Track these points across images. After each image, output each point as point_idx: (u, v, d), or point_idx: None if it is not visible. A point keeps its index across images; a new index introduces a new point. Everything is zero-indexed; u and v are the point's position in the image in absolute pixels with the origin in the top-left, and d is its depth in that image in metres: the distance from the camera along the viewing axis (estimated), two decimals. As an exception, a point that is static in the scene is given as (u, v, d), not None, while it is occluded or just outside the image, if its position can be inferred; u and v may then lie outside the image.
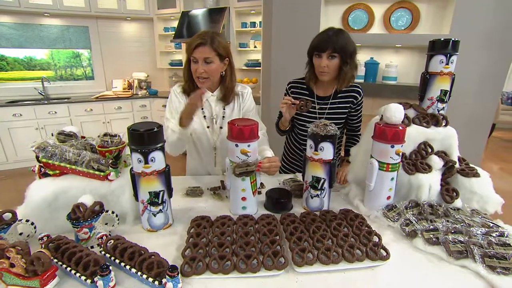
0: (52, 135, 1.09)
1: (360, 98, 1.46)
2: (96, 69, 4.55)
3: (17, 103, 3.74)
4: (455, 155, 1.22)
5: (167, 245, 0.89)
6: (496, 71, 2.64)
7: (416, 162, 1.17)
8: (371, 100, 3.03)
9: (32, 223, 0.88)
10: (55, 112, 3.85)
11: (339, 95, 1.46)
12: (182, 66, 4.42)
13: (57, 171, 0.98)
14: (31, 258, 0.70)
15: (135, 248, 0.78)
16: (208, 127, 1.36)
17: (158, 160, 0.88)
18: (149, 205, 0.92)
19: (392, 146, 1.03)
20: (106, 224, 0.93)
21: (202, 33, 1.21)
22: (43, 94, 4.14)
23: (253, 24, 3.92)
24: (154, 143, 0.86)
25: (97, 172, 0.95)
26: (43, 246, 0.82)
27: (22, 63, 4.42)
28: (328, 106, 1.47)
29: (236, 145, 0.96)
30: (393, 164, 1.06)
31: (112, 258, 0.77)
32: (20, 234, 0.88)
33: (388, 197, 1.12)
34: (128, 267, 0.74)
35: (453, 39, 1.17)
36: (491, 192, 1.13)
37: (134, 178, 0.90)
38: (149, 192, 0.90)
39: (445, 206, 1.10)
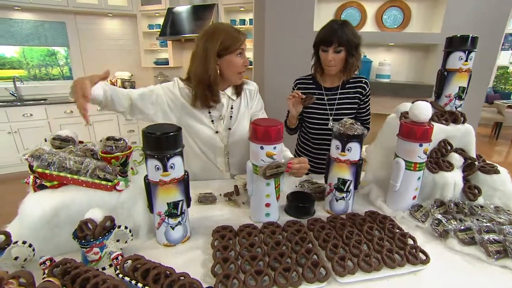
0: (46, 140, 0.95)
1: (367, 90, 1.49)
2: (75, 68, 4.26)
3: (-14, 105, 3.42)
4: (473, 152, 1.21)
5: (189, 261, 0.80)
6: (483, 69, 2.72)
7: (438, 160, 1.14)
8: (366, 98, 3.04)
9: (30, 245, 0.75)
10: (31, 115, 3.56)
11: (347, 86, 1.47)
12: (167, 65, 4.29)
13: (56, 182, 0.85)
14: (37, 290, 0.58)
15: (160, 269, 0.67)
16: (217, 131, 1.26)
17: (177, 167, 0.78)
18: (166, 217, 0.81)
19: (421, 145, 1.00)
20: (118, 241, 0.81)
21: (233, 26, 1.17)
22: (15, 95, 3.82)
23: (242, 22, 3.82)
24: (174, 147, 0.76)
25: (103, 182, 0.83)
26: (46, 272, 0.69)
27: (-11, 61, 4.06)
28: (338, 96, 1.47)
29: (261, 148, 0.88)
30: (420, 163, 1.02)
31: (133, 282, 0.66)
32: (16, 258, 0.75)
33: (414, 197, 1.08)
34: (154, 292, 0.63)
35: (471, 35, 1.15)
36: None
37: (150, 187, 0.79)
38: (167, 203, 0.80)
39: (469, 204, 1.08)
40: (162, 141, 0.74)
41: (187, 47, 4.36)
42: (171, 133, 0.74)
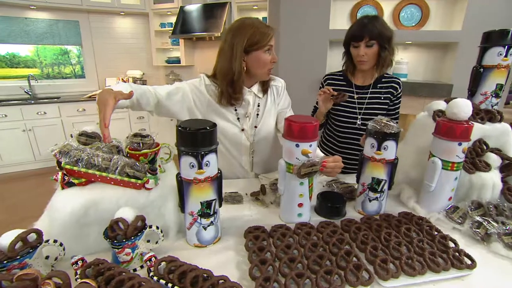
0: (72, 136, 0.92)
1: (399, 90, 1.43)
2: (87, 67, 4.29)
3: (1, 103, 3.45)
4: (511, 152, 1.15)
5: (223, 263, 0.76)
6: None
7: (474, 160, 1.09)
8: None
9: (61, 244, 0.72)
10: (44, 113, 3.58)
11: (379, 85, 1.42)
12: (179, 63, 4.27)
13: (83, 180, 0.83)
14: (73, 291, 0.56)
15: (197, 272, 0.64)
16: (243, 129, 1.22)
17: (212, 165, 0.75)
18: (199, 217, 0.78)
19: (460, 144, 0.95)
20: (148, 241, 0.78)
21: (261, 21, 1.13)
22: (30, 93, 3.85)
23: (255, 20, 3.78)
24: (209, 144, 0.73)
25: (133, 180, 0.80)
26: (78, 272, 0.66)
27: (4, 60, 4.10)
28: (368, 95, 1.42)
29: (297, 145, 0.84)
30: (458, 163, 0.97)
31: (170, 285, 0.63)
32: (46, 257, 0.72)
33: (450, 198, 1.03)
34: (193, 296, 0.60)
35: (512, 29, 1.09)
36: (554, 191, 1.07)
37: (182, 185, 0.76)
38: (200, 202, 0.76)
39: (509, 206, 1.02)
40: (198, 137, 0.70)
41: (199, 45, 4.34)
42: (207, 129, 0.71)
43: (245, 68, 1.13)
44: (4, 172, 3.54)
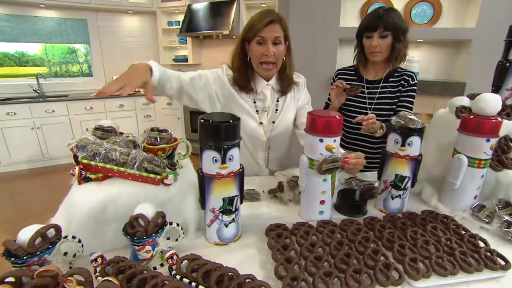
0: (88, 130, 0.90)
1: (411, 83, 1.35)
2: (95, 65, 4.30)
3: (10, 101, 3.46)
4: (538, 150, 1.10)
5: (246, 261, 0.73)
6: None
7: (500, 157, 1.05)
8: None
9: (79, 241, 0.70)
10: (53, 111, 3.59)
11: (390, 79, 1.36)
12: (186, 62, 4.26)
13: (100, 175, 0.80)
14: (97, 290, 0.53)
15: (222, 270, 0.61)
16: (261, 123, 1.19)
17: (235, 159, 0.72)
18: (220, 214, 0.75)
19: (488, 140, 0.91)
20: (168, 239, 0.76)
21: (267, 10, 1.05)
22: (38, 91, 3.87)
23: (263, 18, 3.75)
24: (233, 138, 0.70)
25: (151, 175, 0.78)
26: (98, 270, 0.64)
27: (13, 58, 4.12)
28: (379, 90, 1.37)
29: (321, 140, 0.81)
30: (485, 160, 0.94)
31: (193, 284, 0.60)
32: (65, 254, 0.70)
33: (475, 197, 1.00)
34: (219, 296, 0.57)
35: (540, 20, 1.04)
36: None
37: (204, 181, 0.73)
38: (223, 199, 0.74)
39: (537, 207, 0.98)
40: (222, 131, 0.68)
41: (206, 44, 4.33)
42: (231, 122, 0.68)
43: (249, 59, 1.12)
44: (13, 170, 3.56)
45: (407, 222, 0.88)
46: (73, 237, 0.69)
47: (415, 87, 1.37)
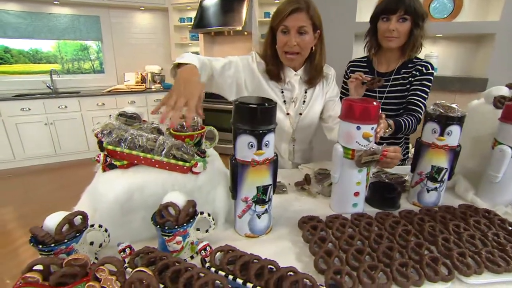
0: (111, 116, 0.87)
1: (425, 71, 1.23)
2: (106, 61, 4.31)
3: (25, 97, 3.49)
4: None
5: (280, 254, 0.69)
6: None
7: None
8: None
9: (106, 230, 0.66)
10: (65, 106, 3.61)
11: (402, 71, 1.26)
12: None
13: (125, 162, 0.77)
14: (130, 280, 0.49)
15: (262, 263, 0.57)
16: (288, 113, 1.15)
17: (271, 146, 0.68)
18: (254, 204, 0.71)
19: (536, 129, 0.85)
20: (198, 230, 0.71)
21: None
22: (52, 87, 3.89)
23: (275, 14, 3.70)
24: (269, 122, 0.65)
25: (180, 163, 0.74)
26: (127, 261, 0.61)
27: (27, 55, 4.16)
28: (389, 83, 1.28)
29: (358, 128, 0.76)
30: (532, 151, 0.87)
31: (231, 277, 0.56)
32: (91, 244, 0.67)
33: (519, 191, 0.93)
34: (260, 290, 0.53)
35: None
36: None
37: (237, 168, 0.69)
38: (257, 187, 0.69)
39: None
40: (259, 114, 0.63)
41: (218, 40, 4.30)
42: (269, 106, 0.63)
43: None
44: (26, 165, 3.58)
45: (446, 216, 0.83)
46: (100, 226, 0.65)
47: (431, 77, 1.24)
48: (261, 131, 0.64)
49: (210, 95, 3.74)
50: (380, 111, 0.80)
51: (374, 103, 0.77)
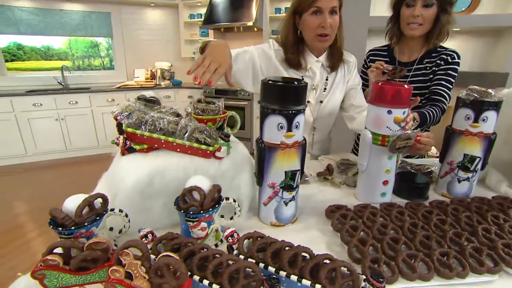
0: (129, 100, 0.84)
1: (450, 61, 1.15)
2: (116, 58, 4.32)
3: (37, 92, 3.51)
4: None
5: (309, 243, 0.63)
6: None
7: None
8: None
9: (126, 215, 0.63)
10: (76, 102, 3.62)
11: (425, 60, 1.18)
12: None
13: (145, 146, 0.74)
14: (156, 265, 0.46)
15: (295, 250, 0.53)
16: (308, 101, 1.10)
17: (301, 128, 0.64)
18: (281, 190, 0.67)
19: None
20: (222, 216, 0.68)
21: None
22: (63, 83, 3.92)
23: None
24: (300, 102, 0.61)
25: (203, 147, 0.70)
26: (149, 247, 0.57)
27: (39, 52, 4.21)
28: (411, 73, 1.20)
29: (389, 112, 0.72)
30: None
31: (262, 265, 0.52)
32: (110, 229, 0.64)
33: (559, 183, 0.87)
34: (295, 277, 0.49)
35: None
36: None
37: (264, 152, 0.65)
38: (285, 172, 0.65)
39: None
40: (290, 93, 0.59)
41: (228, 37, 4.27)
42: (300, 84, 0.59)
43: (300, 32, 1.03)
44: (37, 160, 3.61)
45: (482, 207, 0.77)
46: (120, 211, 0.62)
47: (457, 67, 1.17)
48: (292, 112, 0.60)
49: (219, 92, 3.72)
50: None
51: (406, 86, 0.72)
